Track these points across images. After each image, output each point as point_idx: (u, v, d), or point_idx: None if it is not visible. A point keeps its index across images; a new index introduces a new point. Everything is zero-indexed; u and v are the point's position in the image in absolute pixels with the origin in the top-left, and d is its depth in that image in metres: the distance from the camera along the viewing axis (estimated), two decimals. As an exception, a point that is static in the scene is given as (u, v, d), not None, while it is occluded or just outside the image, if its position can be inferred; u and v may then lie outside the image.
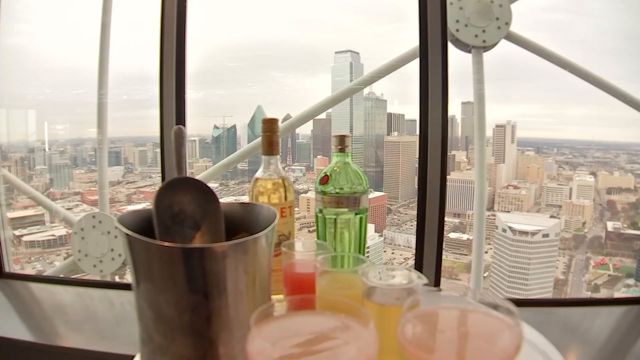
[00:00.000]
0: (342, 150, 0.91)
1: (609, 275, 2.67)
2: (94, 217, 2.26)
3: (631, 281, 2.60)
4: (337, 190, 0.90)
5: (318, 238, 0.94)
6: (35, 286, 2.27)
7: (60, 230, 3.12)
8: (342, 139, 0.91)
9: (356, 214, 0.91)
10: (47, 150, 3.21)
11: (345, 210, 0.90)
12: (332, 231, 0.91)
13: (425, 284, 0.64)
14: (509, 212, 2.80)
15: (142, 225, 0.67)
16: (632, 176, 2.65)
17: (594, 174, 2.74)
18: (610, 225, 2.73)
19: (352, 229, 0.91)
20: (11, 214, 2.93)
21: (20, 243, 3.03)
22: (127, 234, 0.62)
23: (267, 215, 0.71)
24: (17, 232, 3.00)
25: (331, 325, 0.53)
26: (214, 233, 0.71)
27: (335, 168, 0.92)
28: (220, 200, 0.72)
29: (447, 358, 0.46)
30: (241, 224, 0.74)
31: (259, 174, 0.88)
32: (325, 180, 0.89)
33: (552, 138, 2.90)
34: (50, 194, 3.00)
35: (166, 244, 0.61)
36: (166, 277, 0.61)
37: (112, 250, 2.22)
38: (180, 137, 0.74)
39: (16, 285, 2.28)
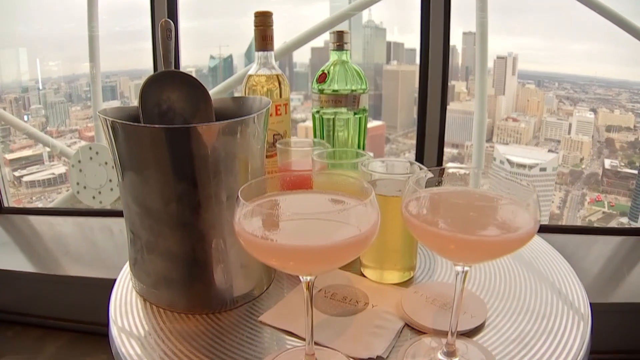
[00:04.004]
0: (340, 47, 0.87)
1: (604, 212, 2.69)
2: (90, 148, 2.26)
3: (625, 220, 2.63)
4: (335, 88, 0.87)
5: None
6: (34, 219, 2.30)
7: (60, 168, 3.11)
8: (340, 35, 0.87)
9: (355, 113, 0.88)
10: (41, 88, 3.16)
11: (344, 110, 0.87)
12: (331, 133, 0.89)
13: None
14: (507, 144, 2.79)
15: (127, 121, 0.65)
16: (632, 115, 2.62)
17: (594, 110, 2.71)
18: (607, 163, 2.72)
19: (351, 130, 0.89)
20: (9, 156, 2.92)
21: (21, 184, 3.03)
22: (107, 119, 0.60)
23: (260, 107, 0.69)
24: (16, 174, 3.00)
25: (328, 200, 0.52)
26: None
27: (333, 66, 0.88)
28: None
29: (456, 225, 0.45)
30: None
31: (251, 70, 0.85)
32: (322, 78, 0.86)
33: (554, 72, 2.85)
34: (47, 133, 2.97)
35: (149, 125, 0.60)
36: (150, 164, 0.60)
37: (110, 180, 2.23)
38: (167, 30, 0.71)
39: (16, 219, 2.31)
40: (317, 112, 0.89)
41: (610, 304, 1.59)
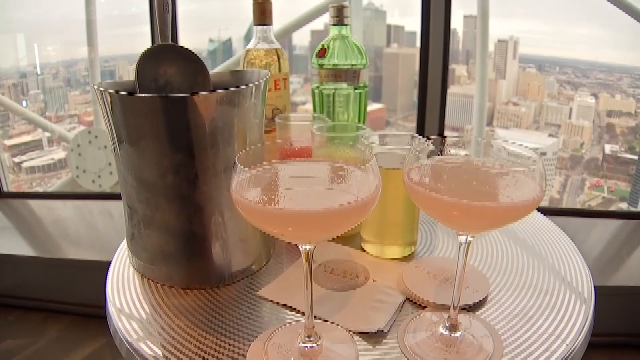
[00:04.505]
0: (340, 21, 0.85)
1: (603, 197, 2.68)
2: (89, 132, 2.24)
3: (624, 205, 2.62)
4: (335, 63, 0.85)
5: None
6: (34, 203, 2.29)
7: (60, 154, 3.10)
8: (340, 9, 0.85)
9: (355, 89, 0.87)
10: (39, 73, 3.14)
11: (344, 85, 0.86)
12: (331, 108, 0.87)
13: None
14: (507, 128, 2.78)
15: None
16: (633, 100, 2.60)
17: (595, 95, 2.69)
18: (607, 148, 2.71)
19: (351, 105, 0.87)
20: (9, 142, 2.91)
21: (21, 170, 3.02)
22: (102, 91, 0.58)
23: (259, 80, 0.67)
24: (16, 159, 2.99)
25: (328, 168, 0.51)
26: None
27: (333, 40, 0.87)
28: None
29: (460, 191, 0.44)
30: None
31: (250, 45, 0.84)
32: (322, 52, 0.84)
33: (555, 56, 2.82)
34: (46, 118, 2.95)
35: (145, 95, 0.58)
36: (146, 135, 0.59)
37: (109, 164, 2.22)
38: (164, 4, 0.69)
39: (16, 203, 2.30)
40: (317, 87, 0.88)
41: (609, 287, 1.59)
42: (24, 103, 2.92)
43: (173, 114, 0.57)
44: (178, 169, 0.60)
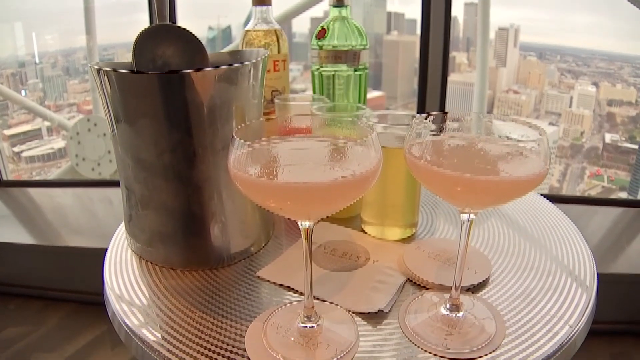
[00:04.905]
0: (340, 2, 0.84)
1: (603, 186, 2.67)
2: (88, 120, 2.23)
3: (624, 194, 2.61)
4: (335, 44, 0.84)
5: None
6: (33, 191, 2.29)
7: (59, 143, 3.09)
8: None
9: (355, 70, 0.85)
10: (37, 62, 3.12)
11: (344, 66, 0.84)
12: (330, 90, 0.86)
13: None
14: (507, 116, 2.76)
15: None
16: (634, 90, 2.58)
17: (596, 84, 2.68)
18: (608, 137, 2.70)
19: (352, 87, 0.86)
20: (8, 131, 2.89)
21: (20, 159, 3.01)
22: (99, 70, 0.57)
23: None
24: (15, 149, 2.98)
25: (328, 143, 0.49)
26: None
27: (333, 22, 0.85)
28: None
29: (463, 166, 0.43)
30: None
31: (249, 26, 0.83)
32: (322, 33, 0.83)
33: (556, 45, 2.80)
34: (45, 107, 2.94)
35: (142, 72, 0.57)
36: (144, 113, 0.58)
37: (109, 152, 2.21)
38: None
39: (15, 192, 2.29)
40: (317, 69, 0.86)
41: (609, 274, 1.58)
42: (23, 92, 2.90)
43: (171, 91, 0.56)
44: (176, 148, 0.59)
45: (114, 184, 2.22)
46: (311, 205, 0.42)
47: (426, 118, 0.50)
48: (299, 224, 0.46)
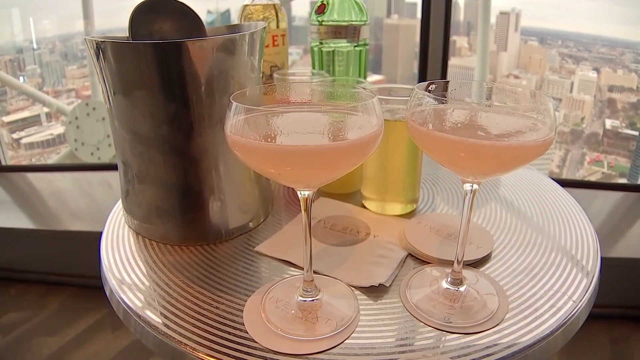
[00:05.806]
0: None
1: (603, 173, 2.66)
2: (87, 104, 2.22)
3: (624, 181, 2.60)
4: (335, 19, 0.82)
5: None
6: (32, 176, 2.27)
7: (58, 129, 3.08)
8: None
9: (355, 46, 0.84)
10: (35, 48, 3.09)
11: (344, 42, 0.83)
12: (330, 66, 0.84)
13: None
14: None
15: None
16: (635, 76, 2.56)
17: (597, 69, 2.65)
18: (608, 123, 2.68)
19: (352, 63, 0.84)
20: (7, 118, 2.88)
21: (19, 146, 3.00)
22: (94, 41, 0.56)
23: None
24: (14, 135, 2.96)
25: (328, 108, 0.48)
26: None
27: None
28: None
29: (467, 131, 0.42)
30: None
31: (247, 0, 0.81)
32: (322, 9, 0.81)
33: (558, 29, 2.78)
34: (44, 93, 2.92)
35: (137, 42, 0.56)
36: (139, 84, 0.56)
37: (108, 136, 2.20)
38: None
39: (14, 177, 2.28)
40: (317, 45, 0.85)
41: (609, 258, 1.58)
42: (21, 79, 2.88)
43: (167, 62, 0.55)
44: (173, 120, 0.58)
45: (112, 167, 2.21)
46: (311, 169, 0.40)
47: (428, 86, 0.48)
48: (298, 193, 0.45)
